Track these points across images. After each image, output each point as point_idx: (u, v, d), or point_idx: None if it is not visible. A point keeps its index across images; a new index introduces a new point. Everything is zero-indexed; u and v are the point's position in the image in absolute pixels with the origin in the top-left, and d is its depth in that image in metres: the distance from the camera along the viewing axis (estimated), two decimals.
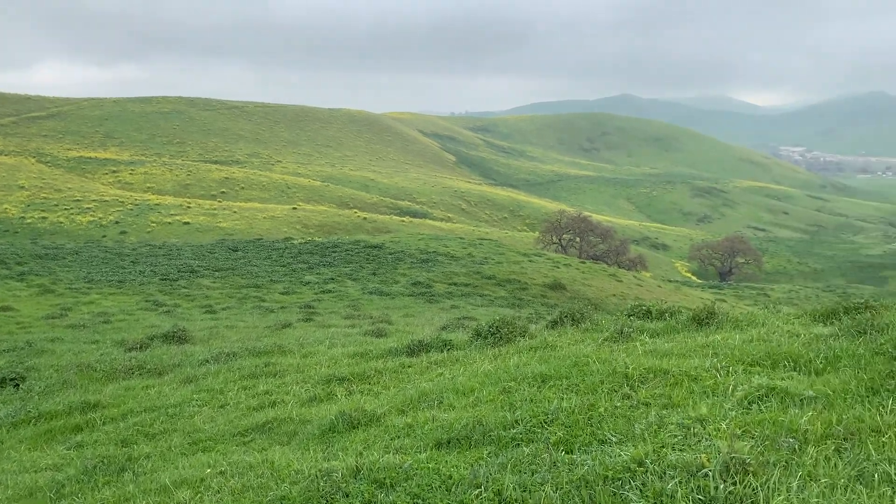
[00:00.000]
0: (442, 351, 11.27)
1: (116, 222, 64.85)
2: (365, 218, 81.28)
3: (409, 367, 10.53)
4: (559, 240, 79.41)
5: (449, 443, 5.90)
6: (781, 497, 3.72)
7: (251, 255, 47.12)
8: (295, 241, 54.03)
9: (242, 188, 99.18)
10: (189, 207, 73.60)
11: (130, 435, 9.14)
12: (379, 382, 9.96)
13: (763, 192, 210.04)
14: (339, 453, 6.35)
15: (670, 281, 70.67)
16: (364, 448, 6.30)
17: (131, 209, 69.93)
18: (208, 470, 6.56)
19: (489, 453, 5.38)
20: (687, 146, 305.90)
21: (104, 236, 59.68)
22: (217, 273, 39.24)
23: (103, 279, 35.91)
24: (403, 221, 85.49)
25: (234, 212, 73.62)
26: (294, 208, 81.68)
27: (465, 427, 6.04)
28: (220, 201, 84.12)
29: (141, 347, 16.25)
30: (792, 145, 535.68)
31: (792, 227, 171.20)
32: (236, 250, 49.29)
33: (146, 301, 30.09)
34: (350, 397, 9.29)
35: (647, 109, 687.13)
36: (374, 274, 40.61)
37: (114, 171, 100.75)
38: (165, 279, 36.53)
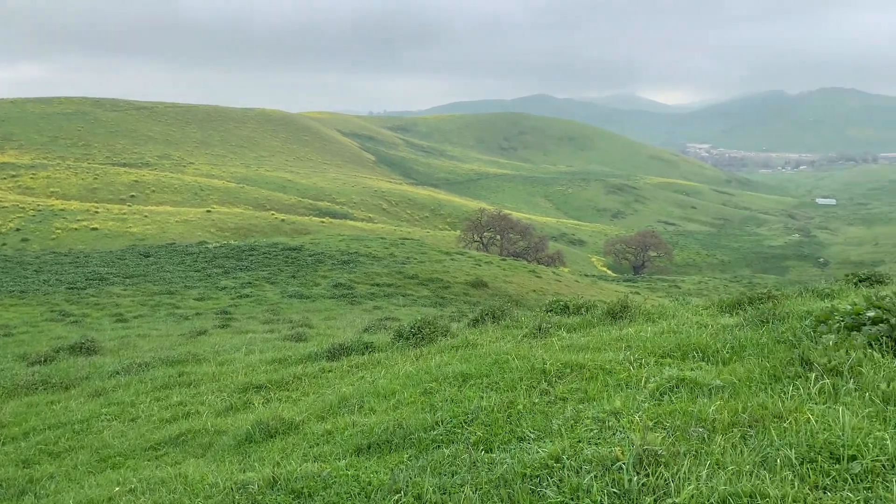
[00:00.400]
0: (363, 354, 11.17)
1: (17, 229, 61.45)
2: (283, 219, 79.83)
3: (329, 371, 10.38)
4: (480, 238, 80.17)
5: (369, 448, 5.83)
6: (691, 486, 3.83)
7: (164, 260, 45.53)
8: (210, 245, 52.53)
9: (153, 191, 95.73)
10: (97, 212, 70.49)
11: (33, 455, 8.65)
12: (298, 389, 9.78)
13: (672, 187, 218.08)
14: (256, 464, 6.19)
15: (587, 275, 72.45)
16: (282, 457, 6.16)
17: (33, 215, 66.40)
18: (117, 488, 6.28)
19: (409, 457, 5.34)
20: (600, 145, 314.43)
21: (4, 244, 56.46)
22: (128, 280, 37.74)
23: (3, 289, 33.96)
24: (323, 222, 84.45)
25: (145, 216, 70.99)
26: (208, 211, 79.42)
27: (385, 431, 5.98)
28: (129, 205, 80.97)
29: (45, 361, 15.43)
30: (698, 142, 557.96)
31: (700, 221, 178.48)
32: (148, 256, 47.53)
33: (51, 311, 28.66)
34: (268, 405, 9.08)
35: (562, 109, 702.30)
36: (293, 277, 39.94)
37: (13, 176, 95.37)
38: (72, 288, 34.86)
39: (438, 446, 5.44)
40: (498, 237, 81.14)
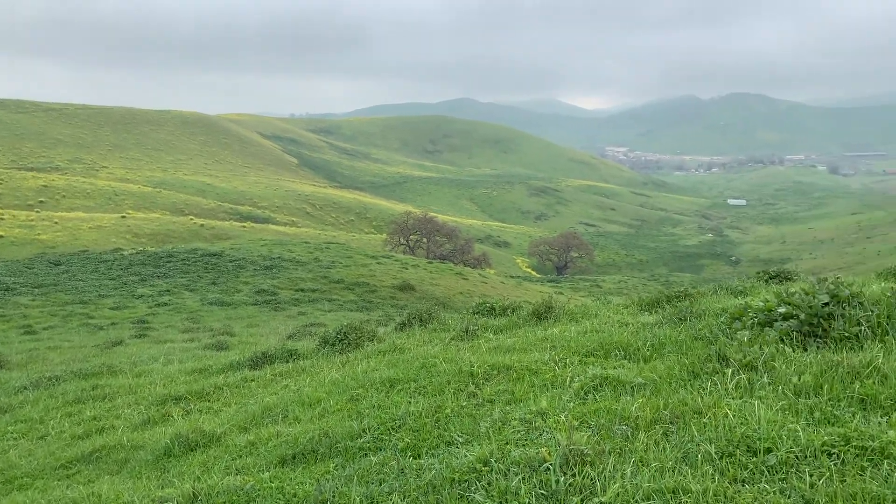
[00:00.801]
0: (287, 361, 10.95)
1: None
2: (202, 224, 77.68)
3: (251, 380, 10.13)
4: (407, 241, 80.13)
5: (294, 458, 5.69)
6: (617, 485, 3.88)
7: (76, 268, 43.55)
8: (125, 252, 50.60)
9: (64, 196, 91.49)
10: (2, 219, 66.80)
11: None
12: (219, 399, 9.50)
13: (593, 190, 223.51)
14: (175, 479, 5.95)
15: (512, 277, 73.40)
16: (202, 472, 5.94)
17: None
18: None
19: (336, 466, 5.24)
20: (523, 148, 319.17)
21: None
22: (37, 290, 35.88)
23: None
24: (245, 227, 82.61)
25: (56, 222, 67.72)
26: (123, 217, 76.52)
27: (311, 440, 5.85)
28: (38, 212, 77.11)
29: None
30: (616, 146, 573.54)
31: (619, 222, 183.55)
32: (59, 264, 45.38)
33: None
34: (188, 417, 8.78)
35: (485, 113, 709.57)
36: (213, 283, 38.88)
37: None
38: None
39: (366, 454, 5.36)
40: (424, 240, 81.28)
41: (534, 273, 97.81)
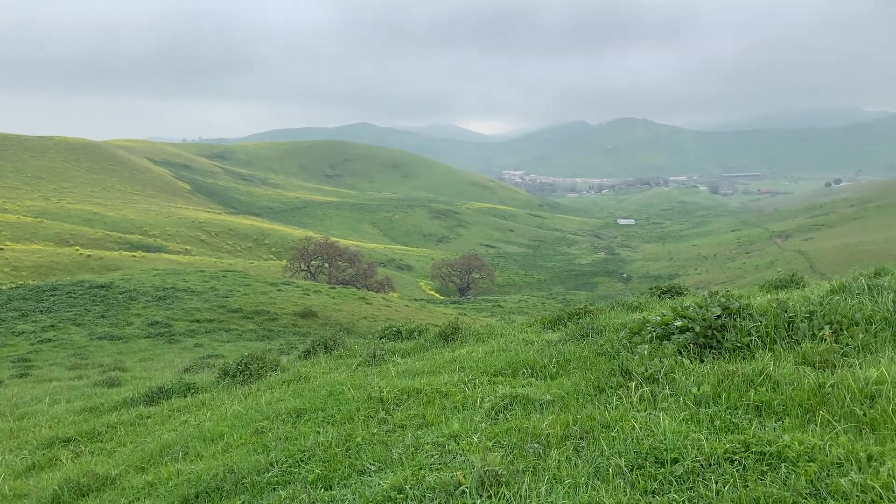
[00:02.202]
0: (186, 396, 10.51)
1: None
2: (89, 255, 73.68)
3: (148, 417, 9.64)
4: (308, 267, 78.86)
5: (198, 497, 5.42)
6: None
7: None
8: (3, 287, 47.27)
9: None
10: None
11: None
12: (113, 439, 8.96)
13: (491, 212, 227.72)
14: None
15: (416, 300, 73.45)
16: None
17: None
18: None
19: (243, 503, 5.02)
20: (422, 172, 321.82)
21: None
22: None
23: None
24: (135, 257, 78.98)
25: None
26: (0, 249, 71.56)
27: (214, 477, 5.59)
28: None
29: None
30: (513, 169, 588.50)
31: (518, 243, 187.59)
32: None
33: None
34: (78, 460, 8.23)
35: (384, 137, 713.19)
36: (102, 317, 36.86)
37: None
38: None
39: (274, 489, 5.17)
40: (326, 265, 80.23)
41: (437, 295, 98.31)
